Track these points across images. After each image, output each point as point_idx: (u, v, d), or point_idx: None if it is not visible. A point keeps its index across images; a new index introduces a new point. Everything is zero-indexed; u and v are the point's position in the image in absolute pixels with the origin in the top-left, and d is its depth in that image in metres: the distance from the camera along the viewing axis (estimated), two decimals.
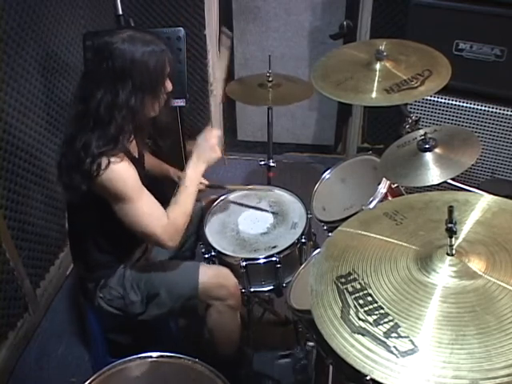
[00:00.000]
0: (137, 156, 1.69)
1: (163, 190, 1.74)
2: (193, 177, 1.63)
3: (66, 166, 1.50)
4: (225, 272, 1.74)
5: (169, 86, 1.58)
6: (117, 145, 1.47)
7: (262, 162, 2.27)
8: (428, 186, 1.41)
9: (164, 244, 1.57)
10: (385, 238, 1.04)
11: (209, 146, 1.65)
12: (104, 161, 1.43)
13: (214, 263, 1.81)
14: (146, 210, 1.52)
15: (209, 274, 1.71)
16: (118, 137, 1.47)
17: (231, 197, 2.03)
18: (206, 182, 1.97)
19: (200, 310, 1.75)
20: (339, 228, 1.13)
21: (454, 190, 1.45)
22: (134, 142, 1.68)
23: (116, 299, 1.71)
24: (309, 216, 1.87)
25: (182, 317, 1.96)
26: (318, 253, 1.73)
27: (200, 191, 1.96)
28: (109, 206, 1.51)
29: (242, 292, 1.79)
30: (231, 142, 3.56)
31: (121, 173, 1.46)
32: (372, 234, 1.06)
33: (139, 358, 1.36)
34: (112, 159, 1.44)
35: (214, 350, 1.85)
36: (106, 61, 1.44)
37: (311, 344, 1.70)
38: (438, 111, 2.34)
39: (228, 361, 1.85)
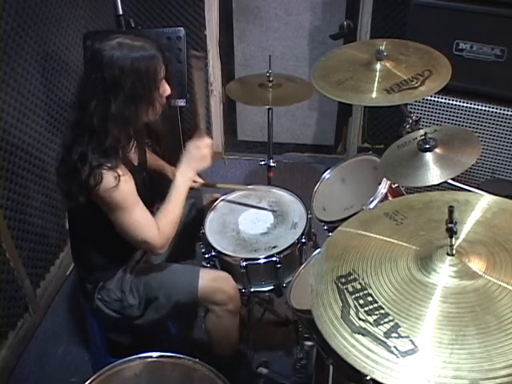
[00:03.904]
0: (136, 163, 1.68)
1: (163, 186, 1.74)
2: (181, 185, 1.62)
3: (63, 173, 1.50)
4: (224, 276, 1.75)
5: (166, 89, 1.55)
6: (113, 156, 1.46)
7: (262, 162, 2.27)
8: (428, 186, 1.41)
9: (154, 251, 1.61)
10: (385, 238, 1.04)
11: (200, 155, 1.63)
12: (99, 172, 1.43)
13: (214, 263, 1.82)
14: (140, 219, 1.53)
15: (208, 279, 1.71)
16: (113, 148, 1.46)
17: (231, 197, 2.03)
18: (202, 181, 1.97)
19: (199, 313, 1.76)
20: (339, 228, 1.13)
21: (454, 190, 1.45)
22: (134, 146, 1.67)
23: (114, 302, 1.71)
24: (309, 216, 1.87)
25: (180, 320, 1.96)
26: (318, 253, 1.73)
27: (195, 189, 1.96)
28: (104, 213, 1.51)
29: (241, 292, 1.79)
30: (231, 142, 3.56)
31: (113, 182, 1.45)
32: (372, 234, 1.06)
33: (139, 357, 1.36)
34: (107, 170, 1.44)
35: (212, 352, 1.85)
36: (96, 70, 1.42)
37: (309, 343, 1.70)
38: (438, 111, 2.34)
39: (227, 361, 1.85)
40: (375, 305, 0.90)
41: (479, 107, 2.25)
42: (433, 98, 2.32)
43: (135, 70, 1.43)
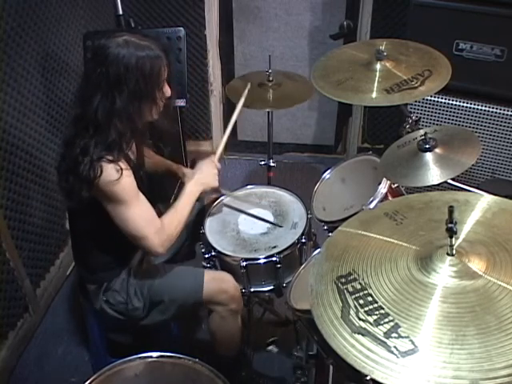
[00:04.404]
0: (135, 159, 1.68)
1: (163, 187, 1.75)
2: (190, 194, 1.66)
3: (64, 169, 1.51)
4: (227, 277, 1.75)
5: (167, 91, 1.57)
6: (115, 150, 1.47)
7: (262, 162, 2.27)
8: (428, 186, 1.41)
9: (153, 249, 1.57)
10: (385, 238, 1.04)
11: (213, 173, 1.72)
12: (100, 164, 1.43)
13: (214, 263, 1.82)
14: (140, 213, 1.52)
15: (212, 281, 1.71)
16: (116, 143, 1.47)
17: (231, 198, 2.03)
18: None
19: (201, 314, 1.76)
20: (339, 228, 1.13)
21: (454, 190, 1.45)
22: (134, 144, 1.68)
23: (119, 304, 1.71)
24: (309, 216, 1.87)
25: (183, 321, 1.96)
26: (318, 253, 1.73)
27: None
28: (104, 207, 1.51)
29: (242, 292, 1.79)
30: (231, 142, 3.55)
31: (115, 175, 1.45)
32: (372, 234, 1.06)
33: (139, 357, 1.35)
34: (107, 163, 1.44)
35: (214, 352, 1.85)
36: (100, 65, 1.43)
37: (311, 353, 1.71)
38: (438, 111, 2.34)
39: (227, 362, 1.85)
40: (375, 305, 0.90)
41: (479, 107, 2.25)
42: (433, 98, 2.32)
43: (140, 69, 1.44)
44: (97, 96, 1.44)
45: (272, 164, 2.25)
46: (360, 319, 0.88)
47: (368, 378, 1.06)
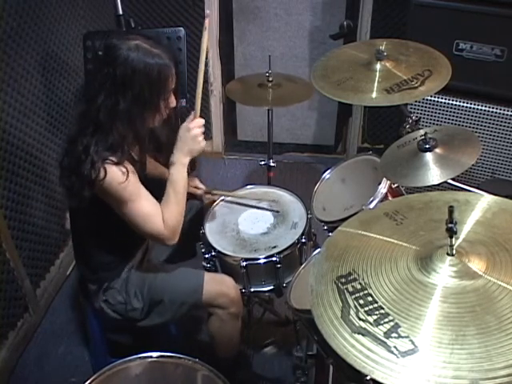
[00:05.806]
0: (139, 159, 1.68)
1: (163, 188, 1.75)
2: (177, 172, 1.58)
3: (67, 166, 1.51)
4: (227, 280, 1.75)
5: (172, 102, 1.56)
6: (116, 151, 1.47)
7: (262, 162, 2.27)
8: (428, 186, 1.41)
9: (164, 242, 1.59)
10: (385, 238, 1.04)
11: (190, 136, 1.56)
12: (103, 166, 1.43)
13: (214, 263, 1.82)
14: (145, 211, 1.52)
15: (212, 283, 1.71)
16: (118, 144, 1.47)
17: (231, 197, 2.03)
18: (204, 188, 1.97)
19: (201, 315, 1.76)
20: (339, 228, 1.13)
21: (455, 190, 1.45)
22: (137, 145, 1.68)
23: (118, 304, 1.71)
24: (309, 216, 1.87)
25: (182, 322, 1.96)
26: (318, 253, 1.73)
27: (196, 196, 1.97)
28: (109, 206, 1.52)
29: (242, 292, 1.79)
30: (231, 142, 3.56)
31: (120, 177, 1.46)
32: (372, 234, 1.06)
33: (139, 357, 1.35)
34: (112, 165, 1.44)
35: (214, 353, 1.85)
36: (108, 66, 1.43)
37: (311, 353, 1.71)
38: (438, 111, 2.34)
39: (228, 362, 1.85)
40: (375, 305, 0.90)
41: (479, 107, 2.25)
42: (433, 98, 2.32)
43: (146, 75, 1.44)
44: (101, 95, 1.44)
45: (272, 164, 2.25)
46: (360, 319, 0.88)
47: (368, 377, 1.06)
